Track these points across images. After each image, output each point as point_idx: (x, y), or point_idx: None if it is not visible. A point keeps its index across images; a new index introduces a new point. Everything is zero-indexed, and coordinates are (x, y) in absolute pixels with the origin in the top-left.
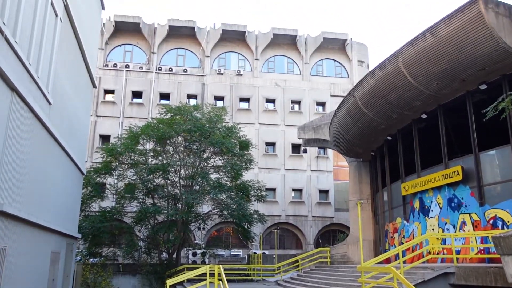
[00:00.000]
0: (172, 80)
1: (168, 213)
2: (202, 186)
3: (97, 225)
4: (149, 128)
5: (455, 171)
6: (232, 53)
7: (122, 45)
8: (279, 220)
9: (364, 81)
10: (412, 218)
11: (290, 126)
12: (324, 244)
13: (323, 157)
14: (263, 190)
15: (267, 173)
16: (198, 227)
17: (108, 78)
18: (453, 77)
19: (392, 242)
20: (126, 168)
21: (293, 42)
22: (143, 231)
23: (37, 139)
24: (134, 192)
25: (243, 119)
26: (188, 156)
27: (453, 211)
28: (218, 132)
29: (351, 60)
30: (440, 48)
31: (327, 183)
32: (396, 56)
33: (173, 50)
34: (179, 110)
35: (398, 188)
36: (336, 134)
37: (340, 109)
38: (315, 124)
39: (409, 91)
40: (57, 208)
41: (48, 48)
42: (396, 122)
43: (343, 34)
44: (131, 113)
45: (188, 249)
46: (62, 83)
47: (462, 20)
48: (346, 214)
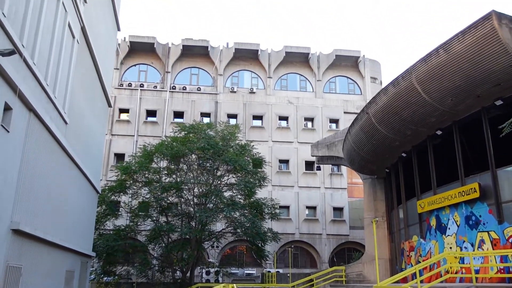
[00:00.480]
0: (185, 98)
1: (182, 231)
2: (216, 204)
3: (111, 244)
4: (163, 147)
5: (472, 188)
6: (245, 71)
7: (136, 65)
8: (293, 238)
9: (378, 98)
10: (429, 236)
11: (303, 144)
12: (339, 262)
13: (337, 174)
14: (277, 208)
15: (280, 190)
16: (211, 245)
17: (123, 97)
18: (467, 93)
19: (408, 261)
20: (140, 186)
21: (306, 59)
22: (157, 250)
23: (53, 158)
24: (148, 210)
25: (256, 137)
26: (201, 174)
27: (471, 229)
28: (232, 150)
29: (364, 77)
30: (453, 64)
31: (341, 200)
32: (409, 73)
33: (186, 69)
34: (193, 128)
35: (413, 205)
36: (350, 151)
37: (354, 126)
38: (328, 141)
39: (423, 108)
40: (72, 227)
41: (65, 68)
42: (410, 139)
43: (355, 51)
44: (145, 132)
45: (202, 268)
46: (78, 103)
47: (475, 36)
48: (361, 232)
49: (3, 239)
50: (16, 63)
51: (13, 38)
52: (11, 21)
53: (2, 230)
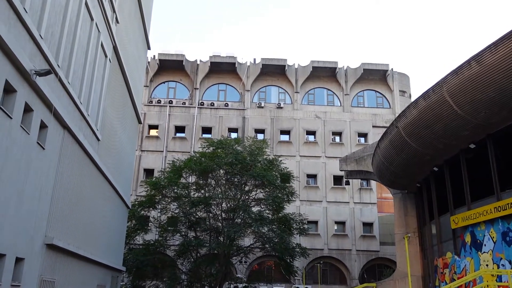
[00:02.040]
0: (213, 114)
1: (210, 246)
2: (244, 219)
3: (141, 258)
4: (191, 162)
5: (509, 203)
6: (272, 86)
7: (165, 82)
8: (321, 254)
9: (407, 112)
10: (464, 253)
11: (331, 158)
12: (369, 279)
13: (366, 189)
14: (305, 223)
15: (308, 205)
16: (239, 260)
17: (152, 114)
18: (501, 106)
19: (442, 278)
20: (169, 201)
21: (333, 74)
22: (186, 264)
23: (86, 174)
24: (177, 225)
25: (284, 152)
26: (229, 189)
27: (508, 245)
28: (259, 165)
29: (392, 91)
30: (486, 76)
31: (371, 215)
32: (440, 85)
33: (214, 85)
34: (221, 143)
35: (447, 221)
36: (379, 166)
37: (383, 140)
38: (357, 155)
39: (455, 121)
40: (103, 241)
41: (98, 87)
42: (442, 153)
43: (383, 65)
44: (174, 147)
45: (230, 283)
46: (110, 120)
47: (508, 47)
48: (392, 248)
49: (37, 253)
50: (52, 82)
51: (49, 59)
52: (47, 42)
53: (37, 245)
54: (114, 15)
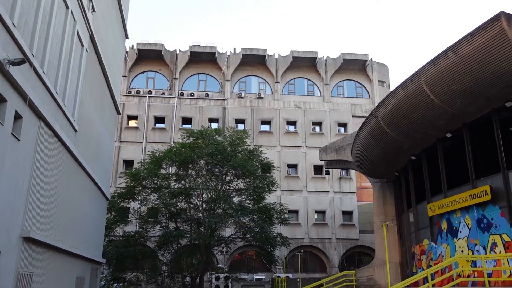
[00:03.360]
0: (193, 104)
1: (191, 237)
2: (225, 210)
3: (121, 250)
4: (171, 153)
5: (483, 190)
6: (252, 76)
7: (144, 72)
8: (302, 243)
9: (386, 101)
10: (440, 239)
11: (311, 148)
12: (349, 267)
13: (346, 178)
14: (286, 213)
15: (289, 195)
16: (221, 250)
17: (131, 104)
18: (477, 95)
19: (419, 265)
20: (149, 192)
21: (313, 64)
22: (166, 256)
23: (63, 166)
24: (157, 217)
25: (264, 142)
26: (210, 179)
27: (482, 232)
28: (240, 155)
29: (371, 81)
30: (463, 66)
31: (350, 204)
32: (418, 75)
33: (194, 75)
34: (201, 134)
35: (424, 209)
36: (359, 155)
37: (362, 129)
38: (337, 145)
39: (433, 110)
40: (82, 234)
41: (74, 77)
42: (420, 142)
43: (363, 55)
44: (153, 138)
45: (211, 273)
46: (87, 111)
47: (484, 37)
48: (371, 236)
49: (14, 246)
50: (26, 72)
51: (23, 48)
52: (21, 31)
53: (13, 238)
54: (91, 3)
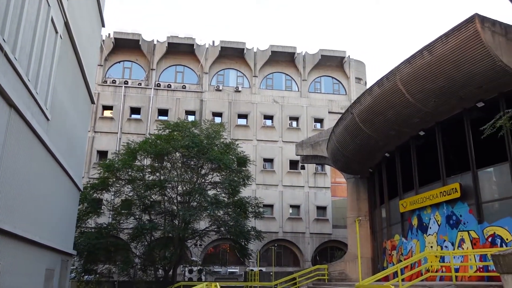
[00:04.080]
0: (170, 96)
1: (165, 229)
2: (200, 203)
3: (93, 242)
4: (147, 144)
5: (453, 188)
6: (230, 70)
7: (121, 62)
8: (276, 237)
9: (362, 98)
10: (411, 235)
11: (288, 143)
12: (321, 261)
13: (321, 173)
14: (261, 207)
15: (264, 189)
16: (194, 243)
17: (106, 94)
18: (450, 95)
19: (390, 260)
20: (123, 184)
21: (291, 59)
22: (139, 248)
23: (34, 155)
24: (131, 208)
25: (241, 136)
26: (185, 172)
27: (451, 228)
28: (216, 148)
29: (348, 77)
30: (437, 66)
31: (325, 199)
32: (393, 74)
33: (172, 66)
34: (177, 126)
35: (396, 205)
36: (334, 151)
37: (338, 126)
38: (313, 140)
39: (407, 108)
40: (52, 225)
41: (48, 64)
42: (394, 139)
43: (340, 52)
44: (129, 129)
45: (185, 266)
46: (60, 99)
47: (459, 38)
48: (344, 231)
49: None
50: None
51: None
52: None
53: None
54: None
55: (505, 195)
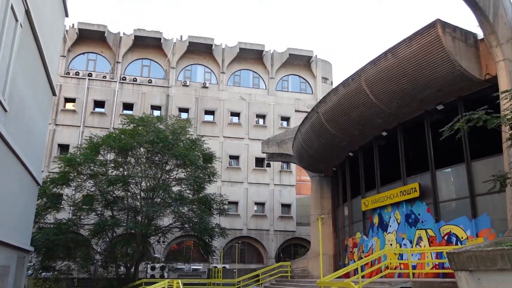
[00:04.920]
0: (136, 90)
1: (127, 226)
2: (164, 199)
3: (52, 238)
4: (110, 139)
5: (413, 187)
6: (198, 65)
7: (85, 53)
8: (240, 234)
9: (328, 98)
10: (371, 233)
11: (254, 140)
12: (285, 258)
13: (286, 171)
14: (226, 204)
15: (230, 186)
16: (158, 240)
17: (69, 86)
18: (412, 97)
19: (351, 257)
20: (85, 179)
21: (259, 57)
22: (101, 244)
23: None
24: (93, 204)
25: (208, 132)
26: (150, 168)
27: (410, 226)
28: (182, 144)
29: (315, 77)
30: (400, 69)
31: (289, 197)
32: (359, 75)
33: (138, 60)
34: (142, 121)
35: (358, 203)
36: (299, 149)
37: (304, 124)
38: (279, 138)
39: (371, 109)
40: (8, 220)
41: (7, 53)
42: (357, 139)
43: (308, 51)
44: (92, 123)
45: (147, 263)
46: (19, 90)
47: (421, 42)
48: (308, 228)
49: None
50: None
51: None
52: None
53: None
54: None
55: (461, 195)
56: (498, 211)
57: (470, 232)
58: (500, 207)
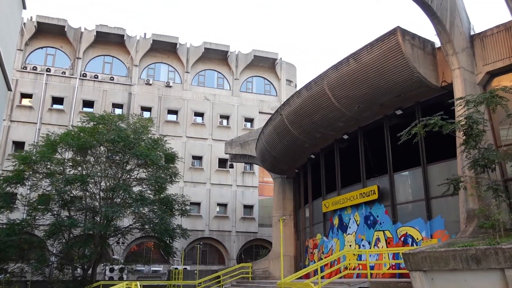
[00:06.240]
0: (97, 87)
1: (85, 226)
2: (124, 199)
3: (4, 239)
4: (69, 136)
5: (372, 190)
6: (162, 64)
7: (44, 48)
8: (202, 235)
9: (291, 100)
10: (332, 234)
11: (217, 141)
12: (246, 259)
13: (249, 172)
14: (188, 204)
15: (192, 187)
16: (117, 241)
17: (26, 81)
18: (372, 101)
19: (312, 258)
20: (41, 178)
21: (225, 57)
22: (57, 246)
23: None
24: (49, 204)
25: (171, 132)
26: (110, 167)
27: (369, 228)
28: (143, 144)
29: (280, 79)
30: (361, 73)
31: (252, 198)
32: (321, 78)
33: (99, 56)
34: (103, 119)
35: (319, 205)
36: (262, 151)
37: (267, 126)
38: (242, 139)
39: (333, 112)
40: None
41: None
42: (319, 141)
43: (273, 53)
44: (50, 120)
45: (105, 265)
46: None
47: (382, 48)
48: (270, 229)
49: None
50: None
51: None
52: None
53: None
54: None
55: (417, 197)
56: (452, 213)
57: (425, 234)
58: (454, 210)
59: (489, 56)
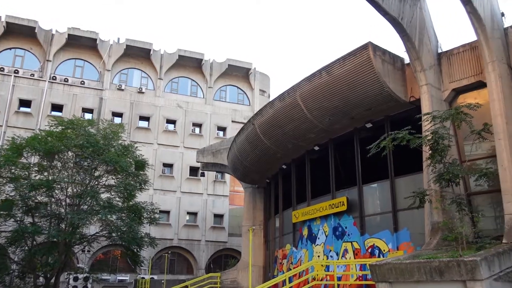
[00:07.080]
0: (67, 91)
1: (49, 233)
2: (91, 206)
3: None
4: (35, 140)
5: (341, 201)
6: (135, 69)
7: (12, 49)
8: (171, 244)
9: (264, 110)
10: (301, 245)
11: (189, 149)
12: (215, 269)
13: (220, 181)
14: (157, 213)
15: (162, 195)
16: (82, 249)
17: None
18: (343, 114)
19: (281, 268)
20: (4, 182)
21: (199, 65)
22: (19, 253)
23: None
24: (11, 210)
25: (142, 138)
26: (77, 173)
27: (337, 239)
28: (113, 150)
29: (253, 89)
30: (333, 86)
31: (222, 207)
32: (294, 90)
33: (70, 60)
34: (72, 123)
35: (289, 215)
36: (234, 160)
37: (240, 135)
38: (214, 148)
39: (304, 124)
40: None
41: None
42: (291, 152)
43: (247, 63)
44: (16, 123)
45: (69, 274)
46: None
47: (354, 63)
48: (240, 239)
49: None
50: None
51: None
52: None
53: None
54: None
55: (385, 209)
56: (417, 225)
57: (392, 245)
58: (419, 222)
59: (455, 73)
